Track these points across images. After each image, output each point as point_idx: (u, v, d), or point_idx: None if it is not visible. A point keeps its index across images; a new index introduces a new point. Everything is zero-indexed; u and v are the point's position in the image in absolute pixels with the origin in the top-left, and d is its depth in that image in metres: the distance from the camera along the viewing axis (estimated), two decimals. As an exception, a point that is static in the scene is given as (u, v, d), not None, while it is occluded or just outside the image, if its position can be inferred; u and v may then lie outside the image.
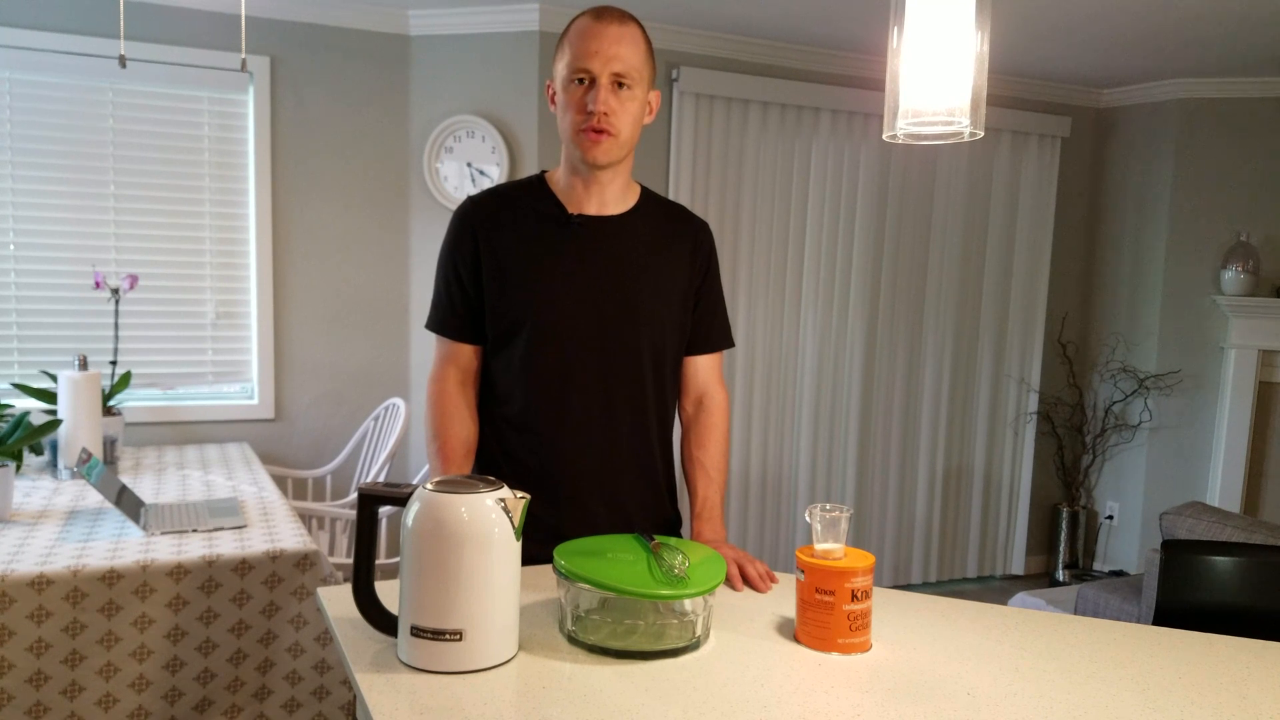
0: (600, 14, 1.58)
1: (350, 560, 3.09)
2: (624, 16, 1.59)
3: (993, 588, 4.74)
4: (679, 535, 1.82)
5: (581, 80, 1.57)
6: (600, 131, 1.57)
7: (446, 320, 1.70)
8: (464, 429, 1.68)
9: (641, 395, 1.70)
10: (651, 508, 1.76)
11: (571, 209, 1.67)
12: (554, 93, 1.64)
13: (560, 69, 1.61)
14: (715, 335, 1.79)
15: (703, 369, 1.78)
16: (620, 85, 1.57)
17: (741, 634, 1.36)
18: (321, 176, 3.75)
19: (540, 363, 1.65)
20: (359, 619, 1.33)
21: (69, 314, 3.47)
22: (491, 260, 1.65)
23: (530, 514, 1.64)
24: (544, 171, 1.73)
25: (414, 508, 1.20)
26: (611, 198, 1.68)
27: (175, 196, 3.57)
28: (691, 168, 3.98)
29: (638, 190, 1.73)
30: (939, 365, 4.60)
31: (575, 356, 1.65)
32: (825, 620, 1.30)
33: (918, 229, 4.48)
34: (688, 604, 1.29)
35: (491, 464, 1.72)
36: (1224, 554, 1.82)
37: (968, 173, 4.54)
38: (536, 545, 1.56)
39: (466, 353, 1.70)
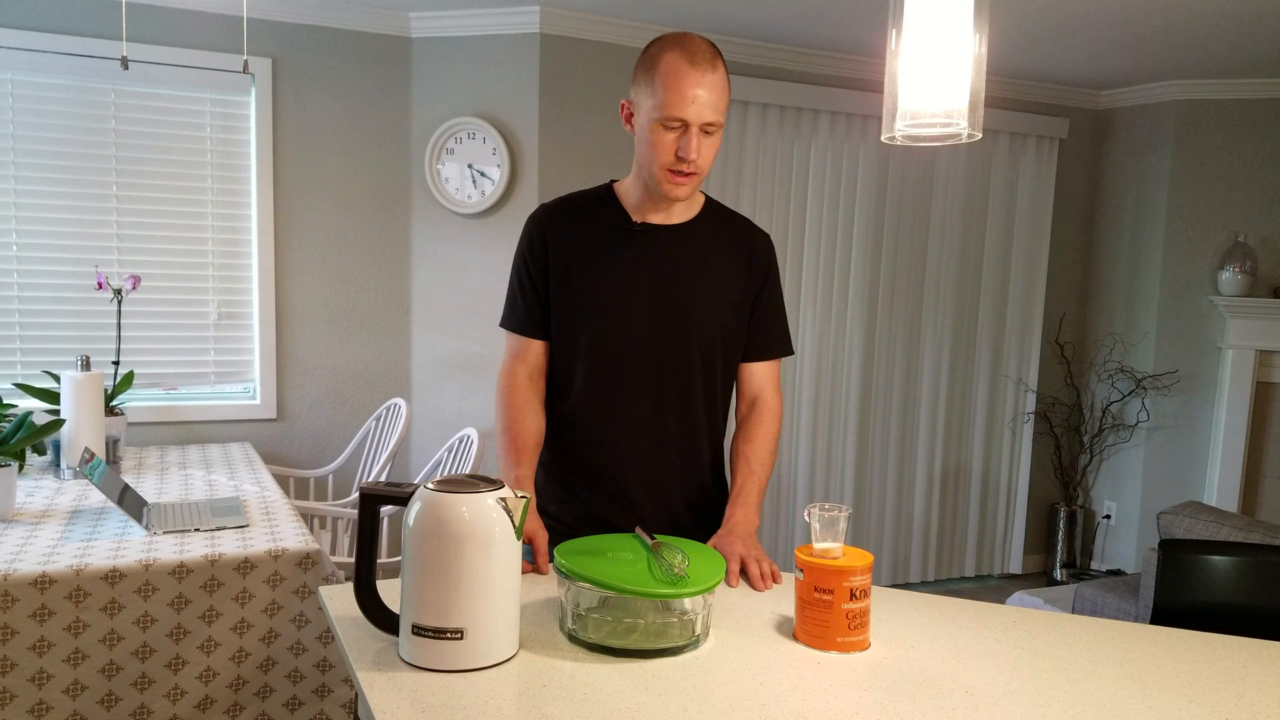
0: (694, 57, 1.57)
1: (352, 559, 3.10)
2: (714, 58, 1.59)
3: (991, 587, 4.75)
4: None
5: (674, 127, 1.58)
6: (689, 175, 1.61)
7: (519, 319, 1.77)
8: (534, 421, 1.74)
9: (691, 398, 1.74)
10: (699, 508, 1.79)
11: (636, 219, 1.72)
12: (630, 114, 1.66)
13: (648, 105, 1.60)
14: (772, 343, 1.82)
15: (759, 374, 1.82)
16: (708, 131, 1.60)
17: (741, 633, 1.37)
18: (323, 178, 3.76)
19: (595, 363, 1.71)
20: (360, 618, 1.34)
21: (72, 314, 3.48)
22: (559, 264, 1.72)
23: (580, 501, 1.74)
24: (612, 181, 1.78)
25: (415, 507, 1.21)
26: (678, 210, 1.73)
27: (177, 198, 3.58)
28: (691, 169, 3.98)
29: (701, 199, 1.78)
30: (937, 365, 4.61)
31: (628, 358, 1.70)
32: (824, 619, 1.31)
33: (916, 230, 4.49)
34: (687, 603, 1.30)
35: (551, 455, 1.79)
36: (1221, 553, 1.83)
37: (966, 174, 4.55)
38: (586, 529, 1.69)
39: (536, 349, 1.76)
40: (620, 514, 1.72)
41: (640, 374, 1.71)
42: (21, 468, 2.86)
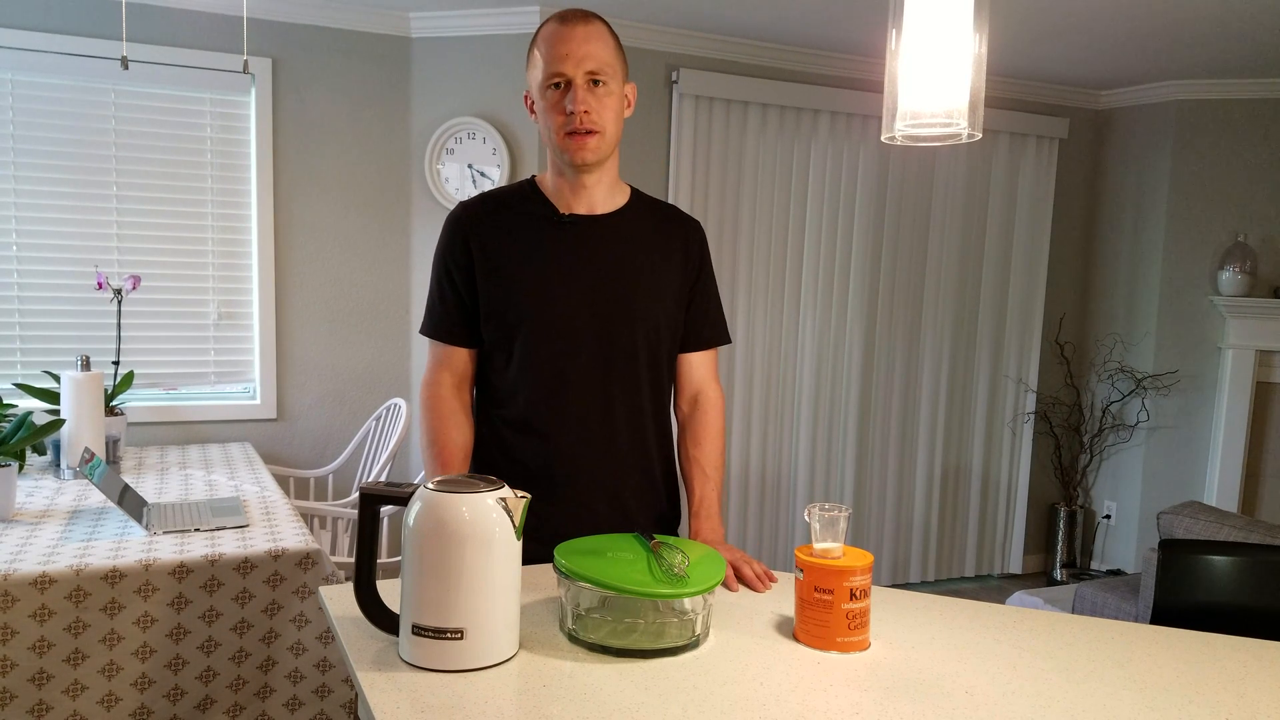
0: (565, 17, 1.60)
1: (352, 559, 3.10)
2: (588, 16, 1.61)
3: (991, 587, 4.75)
4: (676, 531, 1.83)
5: (557, 84, 1.59)
6: (586, 132, 1.59)
7: (440, 324, 1.71)
8: (460, 433, 1.69)
9: (638, 392, 1.71)
10: (650, 504, 1.77)
11: (562, 210, 1.69)
12: (532, 102, 1.66)
13: (535, 76, 1.62)
14: (710, 332, 1.80)
15: (698, 366, 1.79)
16: (596, 83, 1.59)
17: (741, 633, 1.37)
18: (323, 178, 3.76)
19: (538, 362, 1.66)
20: (360, 617, 1.34)
21: (72, 314, 3.48)
22: (485, 263, 1.67)
23: (531, 512, 1.64)
24: (534, 176, 1.75)
25: (415, 507, 1.21)
26: (600, 197, 1.70)
27: (177, 198, 3.58)
28: (691, 170, 3.99)
29: (627, 190, 1.75)
30: (937, 365, 4.61)
31: (573, 355, 1.66)
32: (824, 619, 1.31)
33: (916, 230, 4.49)
34: (687, 603, 1.30)
35: (491, 465, 1.73)
36: (1221, 553, 1.83)
37: (966, 174, 4.55)
38: (537, 544, 1.57)
39: (461, 356, 1.71)
40: (572, 518, 1.66)
41: (586, 371, 1.66)
42: (21, 468, 2.86)
